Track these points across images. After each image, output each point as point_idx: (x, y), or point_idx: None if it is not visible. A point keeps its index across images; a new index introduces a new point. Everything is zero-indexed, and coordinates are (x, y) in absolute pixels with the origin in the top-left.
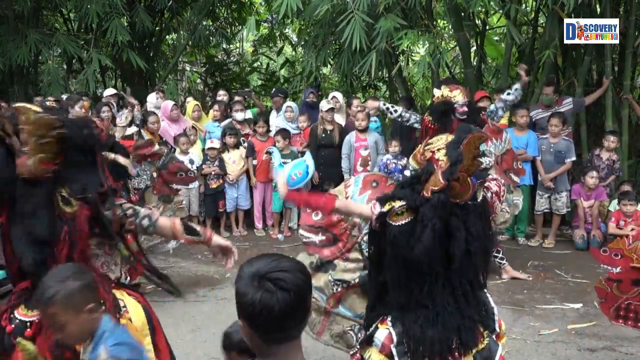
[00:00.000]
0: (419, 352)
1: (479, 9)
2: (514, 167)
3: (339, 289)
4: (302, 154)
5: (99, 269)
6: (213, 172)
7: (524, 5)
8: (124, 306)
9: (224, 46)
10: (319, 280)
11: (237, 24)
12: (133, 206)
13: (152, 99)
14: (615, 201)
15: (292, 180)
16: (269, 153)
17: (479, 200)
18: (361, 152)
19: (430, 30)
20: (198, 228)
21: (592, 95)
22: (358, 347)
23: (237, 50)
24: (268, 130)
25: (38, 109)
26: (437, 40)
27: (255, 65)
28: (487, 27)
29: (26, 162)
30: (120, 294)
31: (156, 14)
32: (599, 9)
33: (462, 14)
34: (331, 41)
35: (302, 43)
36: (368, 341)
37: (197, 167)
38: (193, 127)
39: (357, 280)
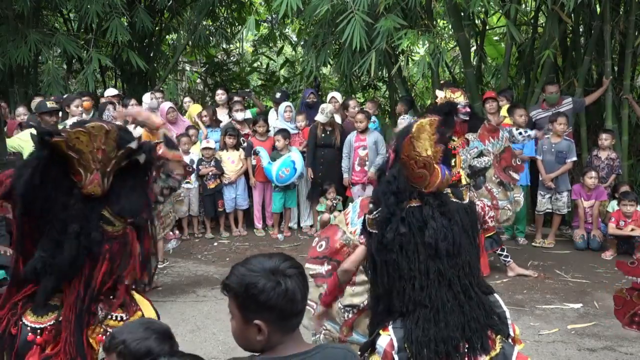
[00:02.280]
0: (423, 354)
1: (479, 8)
2: (512, 165)
3: (350, 315)
4: (303, 153)
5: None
6: (210, 173)
7: (523, 5)
8: (136, 304)
9: (224, 46)
10: (330, 310)
11: (237, 24)
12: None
13: (146, 99)
14: (615, 202)
15: (281, 178)
16: (256, 153)
17: (465, 201)
18: (359, 152)
19: (430, 30)
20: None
21: (592, 95)
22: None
23: (237, 50)
24: (267, 130)
25: (110, 128)
26: (437, 40)
27: (255, 65)
28: (487, 27)
29: (99, 180)
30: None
31: (156, 14)
32: (598, 9)
33: (462, 14)
34: (331, 41)
35: (302, 43)
36: (371, 349)
37: (195, 167)
38: (194, 127)
39: (365, 303)
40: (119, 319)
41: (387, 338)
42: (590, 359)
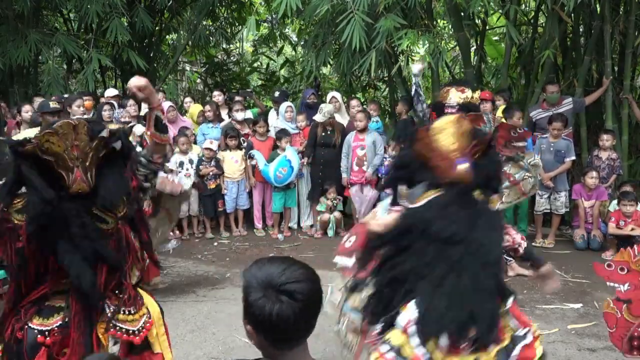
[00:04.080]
0: (431, 325)
1: (479, 9)
2: (513, 136)
3: None
4: (302, 153)
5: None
6: (211, 173)
7: (523, 6)
8: (141, 298)
9: (224, 46)
10: (355, 300)
11: (237, 24)
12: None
13: None
14: (615, 202)
15: (279, 178)
16: (251, 157)
17: (489, 205)
18: (357, 151)
19: (430, 30)
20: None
21: (592, 95)
22: (379, 333)
23: (237, 50)
24: (267, 130)
25: (76, 122)
26: (437, 40)
27: (255, 65)
28: (487, 27)
29: (82, 176)
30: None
31: (156, 14)
32: (598, 9)
33: (462, 14)
34: (331, 41)
35: (302, 43)
36: (391, 326)
37: (195, 167)
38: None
39: None
40: (127, 312)
41: (407, 313)
42: (590, 359)
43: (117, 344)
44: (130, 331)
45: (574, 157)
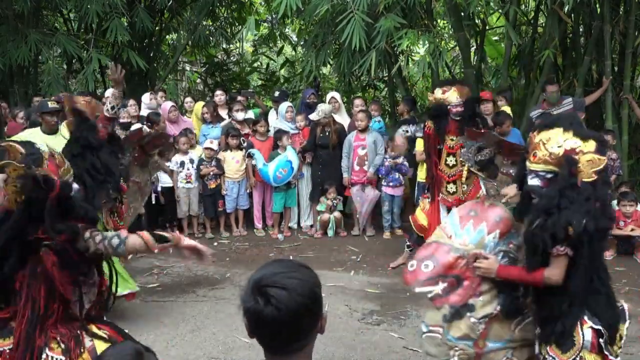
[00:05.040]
0: (611, 336)
1: (479, 9)
2: (514, 149)
3: (483, 326)
4: (302, 153)
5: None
6: (211, 173)
7: (523, 6)
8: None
9: (224, 46)
10: (459, 328)
11: (237, 24)
12: (99, 231)
13: (145, 99)
14: (614, 202)
15: (279, 178)
16: (250, 156)
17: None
18: (358, 151)
19: (430, 30)
20: (166, 234)
21: (592, 95)
22: (555, 352)
23: (237, 50)
24: (268, 130)
25: (22, 150)
26: (437, 40)
27: (255, 65)
28: (487, 27)
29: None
30: (95, 329)
31: (156, 14)
32: (598, 9)
33: (462, 14)
34: (331, 41)
35: (302, 43)
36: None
37: (195, 167)
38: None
39: (498, 308)
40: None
41: (589, 330)
42: None
43: None
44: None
45: None
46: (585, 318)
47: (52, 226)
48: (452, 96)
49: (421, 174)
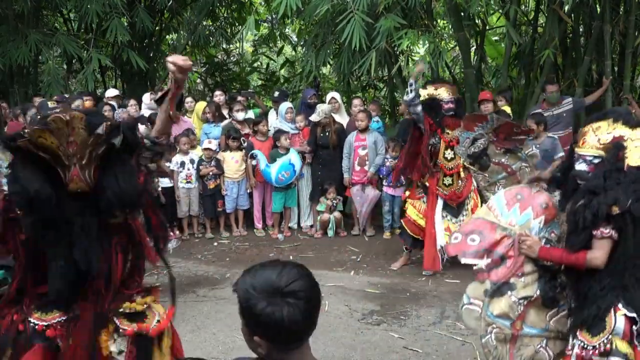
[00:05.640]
0: None
1: (479, 9)
2: (514, 131)
3: (522, 308)
4: (302, 153)
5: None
6: (211, 173)
7: (523, 6)
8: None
9: (224, 46)
10: (499, 305)
11: (237, 24)
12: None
13: (146, 99)
14: None
15: (281, 180)
16: (253, 157)
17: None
18: (359, 151)
19: (430, 30)
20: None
21: (592, 95)
22: (584, 336)
23: (237, 50)
24: (268, 130)
25: (69, 117)
26: (437, 40)
27: (255, 65)
28: (487, 27)
29: (80, 175)
30: (151, 300)
31: (156, 14)
32: (598, 9)
33: (462, 14)
34: (331, 41)
35: (302, 43)
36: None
37: (196, 167)
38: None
39: (538, 292)
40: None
41: (622, 318)
42: None
43: (122, 353)
44: (138, 316)
45: (562, 154)
46: (620, 305)
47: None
48: (443, 93)
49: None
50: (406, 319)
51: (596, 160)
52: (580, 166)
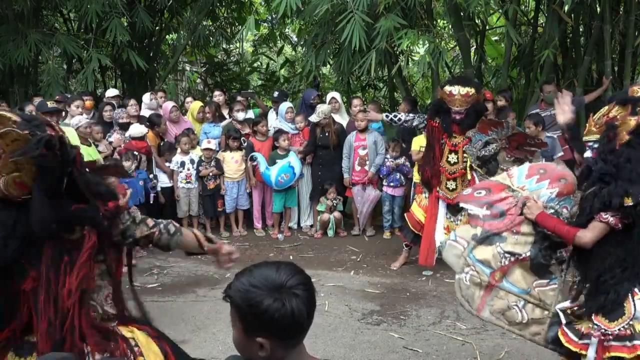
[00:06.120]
0: None
1: (479, 8)
2: (527, 142)
3: (507, 262)
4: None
5: (94, 319)
6: (210, 173)
7: (523, 6)
8: (136, 345)
9: (224, 46)
10: (484, 252)
11: (237, 24)
12: (149, 218)
13: (146, 99)
14: None
15: (281, 183)
16: (253, 159)
17: None
18: (359, 151)
19: (430, 30)
20: (211, 236)
21: (592, 94)
22: (601, 321)
23: (237, 50)
24: (268, 130)
25: (16, 118)
26: (437, 40)
27: (255, 65)
28: (487, 27)
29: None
30: (129, 331)
31: (156, 14)
32: (598, 9)
33: (462, 14)
34: (331, 41)
35: (302, 43)
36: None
37: (195, 167)
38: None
39: (528, 254)
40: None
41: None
42: None
43: None
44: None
45: (561, 153)
46: (637, 290)
47: (92, 190)
48: (456, 102)
49: (416, 174)
50: (406, 319)
51: (596, 145)
52: (587, 153)
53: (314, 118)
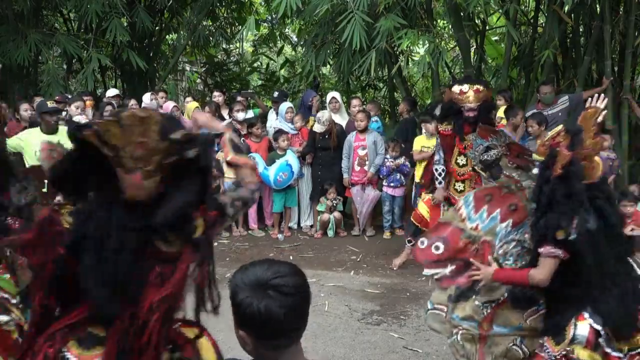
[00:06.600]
0: (623, 332)
1: (479, 8)
2: (527, 152)
3: (489, 310)
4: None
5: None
6: None
7: (523, 6)
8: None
9: (224, 46)
10: (464, 309)
11: (237, 24)
12: None
13: (146, 99)
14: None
15: (279, 182)
16: None
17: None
18: (359, 151)
19: (430, 30)
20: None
21: (590, 91)
22: (550, 344)
23: (237, 50)
24: (262, 132)
25: (146, 115)
26: (437, 40)
27: (255, 65)
28: (487, 27)
29: (141, 182)
30: (191, 332)
31: (156, 14)
32: (598, 9)
33: (462, 14)
34: (331, 41)
35: (302, 43)
36: (567, 340)
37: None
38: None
39: (505, 296)
40: None
41: (586, 326)
42: None
43: None
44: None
45: None
46: (585, 315)
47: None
48: (469, 98)
49: (418, 174)
50: (406, 319)
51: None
52: (535, 171)
53: (318, 128)
